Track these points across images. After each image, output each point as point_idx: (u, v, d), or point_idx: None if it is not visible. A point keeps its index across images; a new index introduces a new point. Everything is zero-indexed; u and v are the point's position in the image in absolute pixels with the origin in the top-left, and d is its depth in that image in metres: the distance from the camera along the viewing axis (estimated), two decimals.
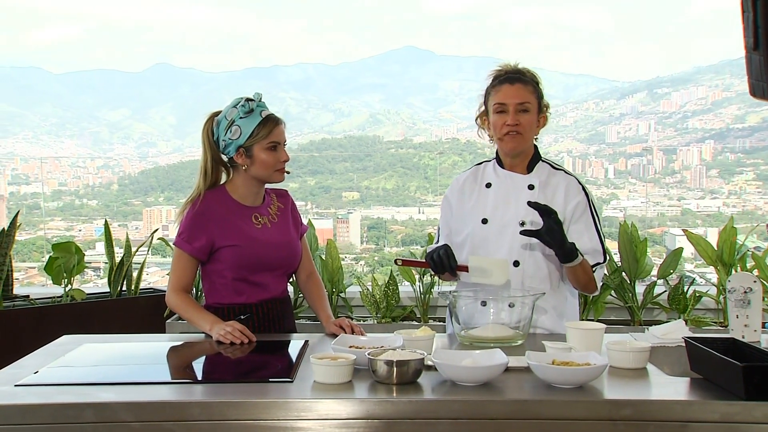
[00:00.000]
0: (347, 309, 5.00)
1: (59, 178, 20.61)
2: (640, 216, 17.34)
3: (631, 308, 4.74)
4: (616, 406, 2.14)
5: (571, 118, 24.87)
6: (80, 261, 4.56)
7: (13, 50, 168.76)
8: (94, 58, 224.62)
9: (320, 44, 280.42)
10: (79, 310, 4.47)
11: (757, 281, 2.80)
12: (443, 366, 2.30)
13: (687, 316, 4.63)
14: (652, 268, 4.70)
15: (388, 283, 4.79)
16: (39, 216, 17.94)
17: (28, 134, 24.90)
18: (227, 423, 2.14)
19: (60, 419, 2.14)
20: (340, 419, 2.15)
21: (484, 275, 2.93)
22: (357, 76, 33.45)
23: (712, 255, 4.58)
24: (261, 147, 3.02)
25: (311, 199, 18.13)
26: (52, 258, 4.52)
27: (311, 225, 4.77)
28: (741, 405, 2.10)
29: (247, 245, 3.04)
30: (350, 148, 20.08)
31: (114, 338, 3.12)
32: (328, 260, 4.79)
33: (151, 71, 35.19)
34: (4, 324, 4.19)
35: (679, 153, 20.26)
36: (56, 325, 4.19)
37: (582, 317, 4.68)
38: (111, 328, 4.21)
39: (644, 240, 4.65)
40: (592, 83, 32.49)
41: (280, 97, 27.10)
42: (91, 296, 4.66)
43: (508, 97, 3.03)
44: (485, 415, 2.15)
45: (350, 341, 2.65)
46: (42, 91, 29.32)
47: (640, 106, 23.98)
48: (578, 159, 21.15)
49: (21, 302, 4.51)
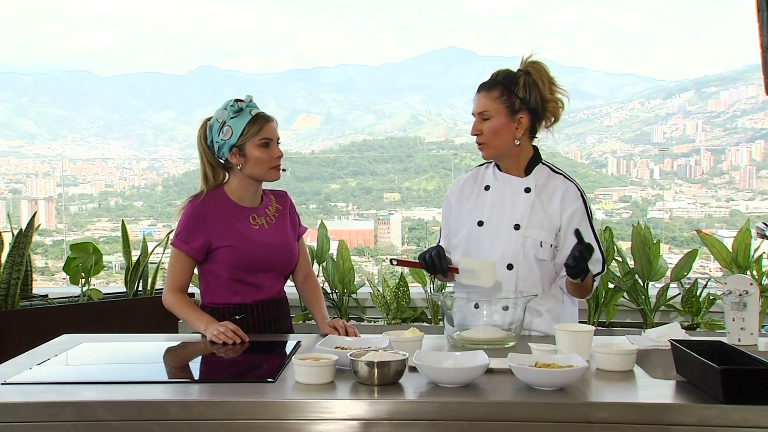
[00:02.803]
0: (359, 310, 5.01)
1: (106, 180, 20.95)
2: (687, 218, 17.13)
3: (644, 311, 4.69)
4: (592, 409, 2.12)
5: (616, 118, 24.66)
6: (98, 261, 4.64)
7: (63, 55, 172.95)
8: (140, 61, 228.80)
9: (362, 45, 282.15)
10: (95, 310, 4.54)
11: (753, 284, 2.76)
12: (424, 367, 2.30)
13: (701, 319, 4.56)
14: (666, 271, 4.64)
15: (398, 285, 4.80)
16: (86, 217, 18.25)
17: (77, 136, 25.37)
18: (205, 422, 2.15)
19: (40, 418, 2.17)
20: (319, 419, 2.16)
21: (473, 277, 2.92)
22: (399, 77, 33.44)
23: (726, 257, 4.51)
24: (253, 144, 3.06)
25: (352, 200, 18.19)
26: (70, 258, 4.60)
27: (323, 226, 4.79)
28: (719, 408, 2.07)
29: (244, 246, 3.07)
30: (391, 149, 20.11)
31: (113, 338, 3.17)
32: (339, 261, 4.80)
33: (196, 74, 35.66)
34: (21, 323, 4.27)
35: (727, 153, 20.00)
36: (72, 324, 4.26)
37: (593, 319, 4.65)
38: (126, 327, 4.27)
39: (657, 242, 4.59)
40: (638, 82, 32.18)
41: (321, 99, 27.25)
42: (108, 296, 4.74)
43: (473, 106, 3.06)
44: (462, 416, 2.14)
45: (337, 342, 2.66)
46: (90, 94, 29.82)
47: (688, 106, 23.68)
48: (623, 159, 20.96)
49: (38, 301, 4.59)
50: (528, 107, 3.02)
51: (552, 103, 3.05)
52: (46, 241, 15.39)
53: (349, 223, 17.89)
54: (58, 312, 4.44)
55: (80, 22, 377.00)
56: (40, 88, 29.30)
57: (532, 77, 3.02)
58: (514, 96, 3.01)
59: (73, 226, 18.08)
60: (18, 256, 4.39)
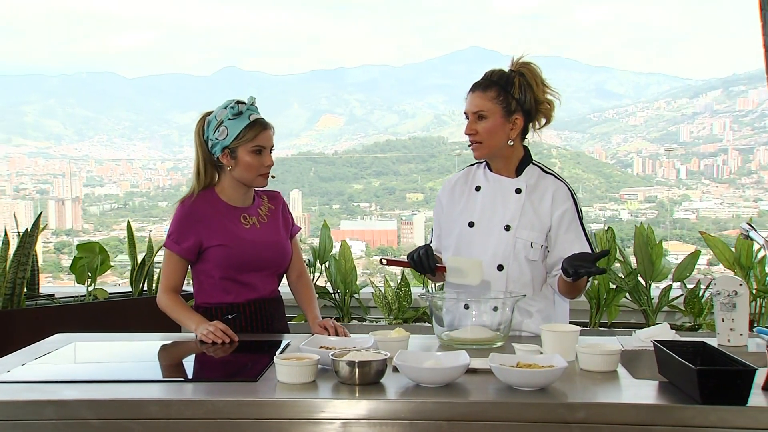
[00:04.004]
0: (362, 310, 5.02)
1: (131, 180, 21.13)
2: (714, 218, 16.98)
3: (646, 312, 4.65)
4: (570, 409, 2.11)
5: (642, 118, 24.47)
6: (104, 261, 4.68)
7: (89, 57, 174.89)
8: (165, 62, 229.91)
9: (386, 46, 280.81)
10: (99, 309, 4.58)
11: (743, 284, 2.73)
12: (404, 367, 2.30)
13: (703, 320, 4.53)
14: (669, 271, 4.61)
15: (400, 285, 4.80)
16: (112, 217, 18.41)
17: (103, 137, 25.58)
18: (185, 421, 2.17)
19: (22, 416, 2.19)
20: (298, 419, 2.17)
21: (460, 275, 2.92)
22: (422, 77, 33.38)
23: (729, 258, 4.47)
24: (246, 150, 3.06)
25: (375, 200, 18.21)
26: (77, 258, 4.65)
27: (326, 226, 4.80)
28: (696, 409, 2.06)
29: (235, 245, 3.08)
30: (414, 150, 20.06)
31: (106, 337, 3.19)
32: (341, 261, 4.82)
33: (220, 75, 35.84)
34: (27, 322, 4.32)
35: (756, 153, 19.81)
36: (76, 323, 4.30)
37: (595, 320, 4.63)
38: (130, 326, 4.30)
39: (659, 242, 4.56)
40: (664, 81, 31.89)
41: (345, 99, 27.28)
42: (114, 295, 4.78)
43: (467, 105, 3.05)
44: (440, 416, 2.14)
45: (322, 342, 2.67)
46: (116, 95, 30.09)
47: (715, 105, 23.45)
48: (648, 159, 20.82)
49: (44, 301, 4.64)
50: (523, 108, 3.02)
51: (545, 105, 3.05)
52: (72, 241, 15.55)
53: (372, 224, 17.92)
54: (62, 311, 4.48)
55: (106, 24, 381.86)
56: (67, 90, 29.60)
57: (526, 78, 3.02)
58: (511, 97, 3.01)
59: (100, 226, 18.25)
60: (23, 256, 4.44)
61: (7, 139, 24.82)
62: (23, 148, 24.05)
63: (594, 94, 30.63)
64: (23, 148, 24.09)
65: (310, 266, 5.04)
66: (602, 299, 4.58)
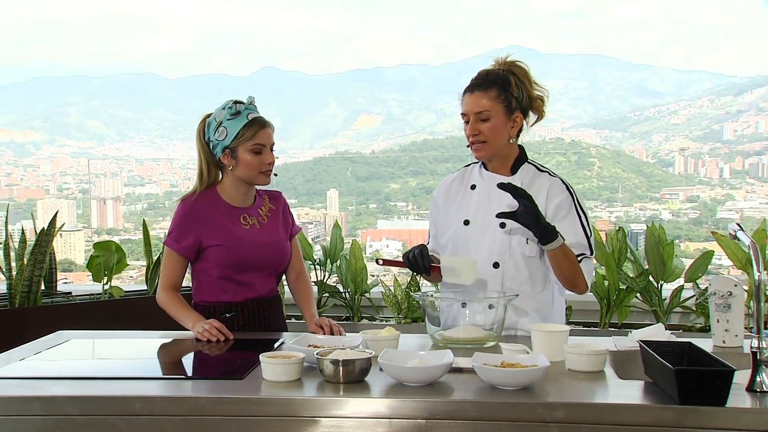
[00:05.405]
0: (373, 309, 5.03)
1: (171, 180, 21.32)
2: (759, 218, 16.69)
3: (657, 312, 4.60)
4: (548, 409, 2.11)
5: (684, 116, 24.14)
6: (121, 259, 4.74)
7: (130, 58, 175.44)
8: (204, 63, 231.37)
9: (423, 45, 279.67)
10: (114, 307, 4.64)
11: (738, 285, 2.70)
12: (387, 366, 2.31)
13: None
14: (681, 271, 4.55)
15: (409, 284, 4.80)
16: (152, 216, 18.60)
17: (143, 137, 25.82)
18: (168, 418, 2.19)
19: (8, 412, 2.23)
20: (281, 416, 2.18)
21: (453, 275, 2.92)
22: (460, 77, 33.07)
23: (741, 258, 4.41)
24: (245, 149, 3.09)
25: (412, 200, 18.15)
26: (93, 256, 4.71)
27: (337, 226, 4.82)
28: (674, 410, 2.05)
29: (233, 245, 3.11)
30: (452, 149, 19.94)
31: (106, 335, 3.23)
32: (352, 261, 4.83)
33: (258, 75, 35.98)
34: (43, 320, 4.37)
35: None
36: (91, 321, 4.36)
37: (605, 320, 4.58)
38: (144, 324, 4.33)
39: (671, 242, 4.50)
40: (707, 79, 31.40)
41: (382, 99, 27.22)
42: (129, 293, 4.84)
43: (467, 106, 3.04)
44: (419, 414, 2.15)
45: (311, 340, 2.69)
46: (156, 96, 30.35)
47: (761, 102, 23.06)
48: (690, 158, 20.54)
49: (59, 298, 4.71)
50: (521, 106, 3.04)
51: (537, 101, 3.08)
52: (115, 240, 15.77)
53: (409, 223, 17.88)
54: (77, 309, 4.54)
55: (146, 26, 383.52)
56: (109, 91, 29.93)
57: (518, 76, 3.03)
58: (510, 95, 3.03)
59: (140, 225, 18.41)
60: (40, 254, 4.51)
61: (52, 139, 25.16)
62: (66, 149, 24.36)
63: (634, 92, 30.24)
64: (66, 148, 24.40)
65: (322, 265, 5.07)
66: (612, 299, 4.54)
